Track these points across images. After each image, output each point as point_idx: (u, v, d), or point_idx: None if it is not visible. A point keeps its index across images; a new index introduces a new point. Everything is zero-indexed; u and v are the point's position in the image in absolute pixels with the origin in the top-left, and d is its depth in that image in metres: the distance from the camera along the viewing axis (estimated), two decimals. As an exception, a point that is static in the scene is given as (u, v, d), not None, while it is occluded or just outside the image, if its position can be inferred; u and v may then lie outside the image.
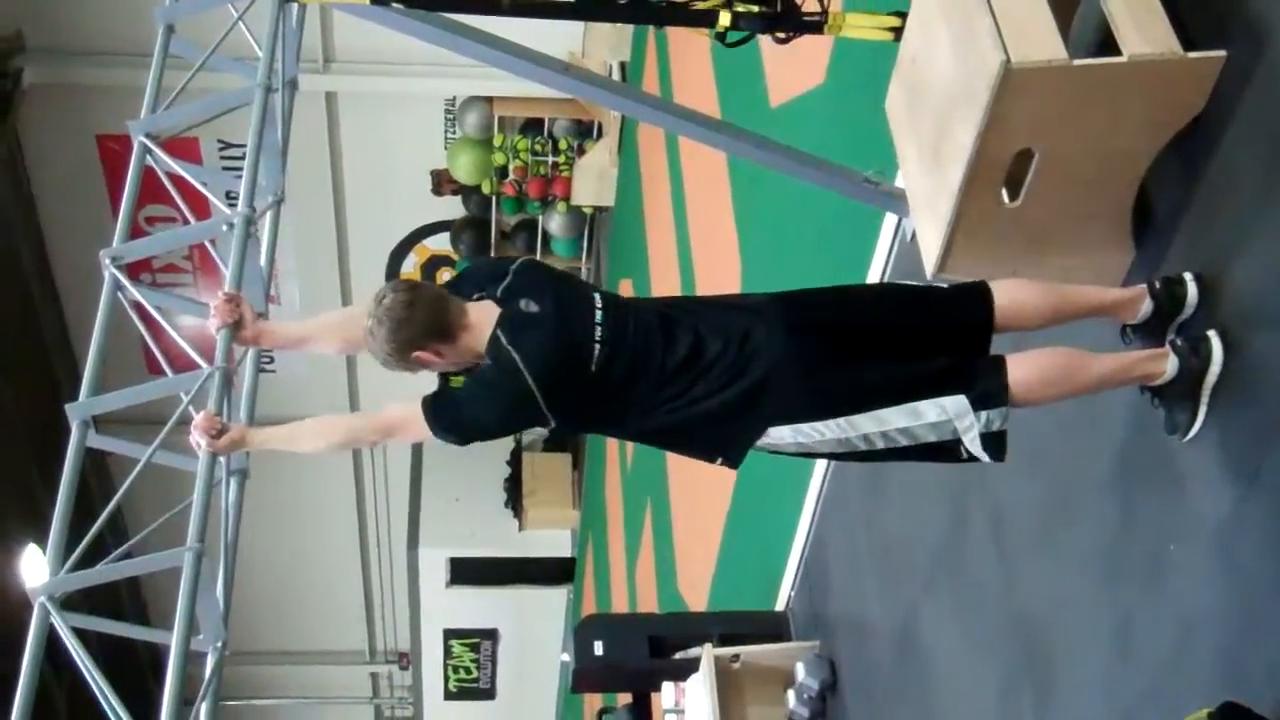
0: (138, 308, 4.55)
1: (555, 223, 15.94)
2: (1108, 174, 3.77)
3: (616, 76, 14.00)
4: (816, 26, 5.05)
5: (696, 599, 10.36)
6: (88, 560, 4.10)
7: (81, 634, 3.91)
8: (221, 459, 4.20)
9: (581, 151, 15.13)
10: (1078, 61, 3.51)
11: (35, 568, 14.33)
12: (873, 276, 6.07)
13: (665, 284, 12.10)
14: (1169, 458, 3.82)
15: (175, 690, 3.59)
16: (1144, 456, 3.99)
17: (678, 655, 7.61)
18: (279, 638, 19.53)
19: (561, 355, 3.90)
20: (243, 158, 4.85)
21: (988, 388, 3.77)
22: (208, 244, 4.96)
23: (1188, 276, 3.80)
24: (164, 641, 3.75)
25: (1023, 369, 3.80)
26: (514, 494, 17.65)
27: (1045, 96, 3.52)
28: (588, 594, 16.80)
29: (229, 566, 4.28)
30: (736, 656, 7.10)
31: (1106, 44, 3.58)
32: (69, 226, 15.02)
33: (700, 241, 10.83)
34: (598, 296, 4.05)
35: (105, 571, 3.94)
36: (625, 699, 9.55)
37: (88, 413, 4.27)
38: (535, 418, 3.95)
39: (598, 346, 3.92)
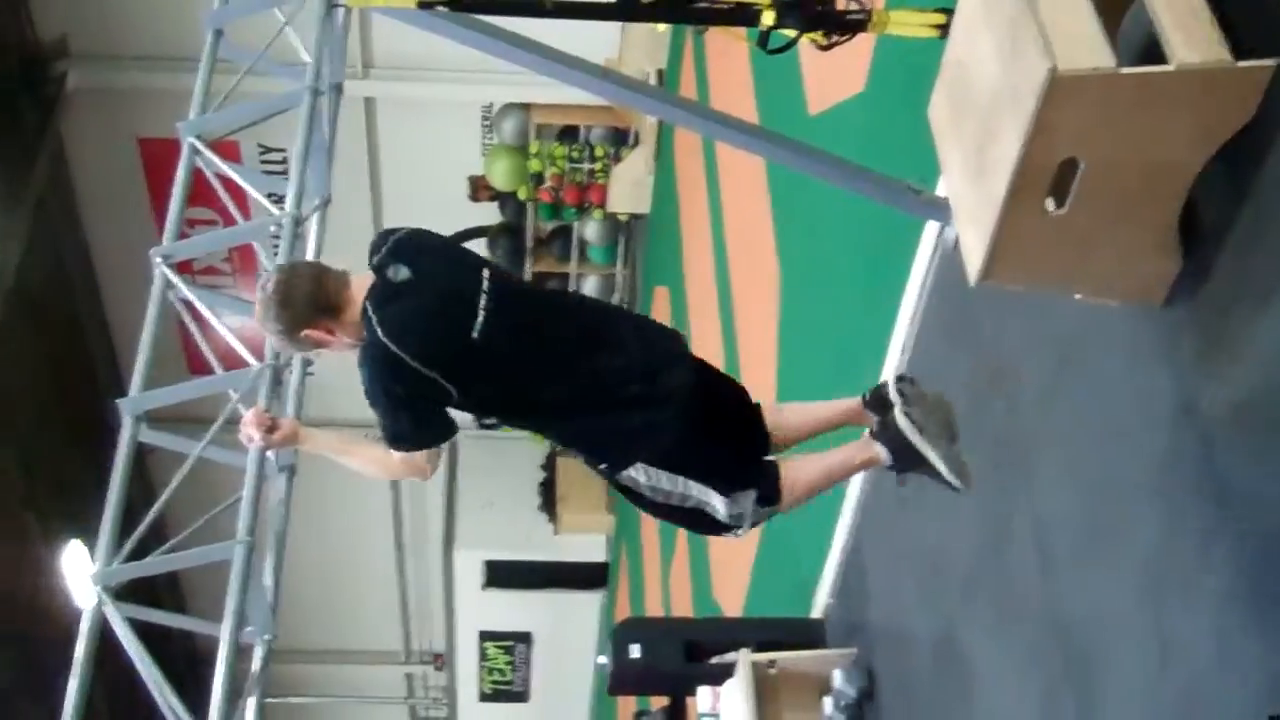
0: (187, 305, 4.61)
1: (591, 230, 15.97)
2: (1154, 183, 3.76)
3: (653, 84, 14.01)
4: (860, 24, 5.05)
5: (732, 605, 10.36)
6: (129, 556, 4.15)
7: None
8: (270, 455, 4.25)
9: (618, 159, 15.15)
10: (1125, 70, 3.50)
11: (78, 563, 14.44)
12: (914, 285, 6.07)
13: (701, 291, 12.11)
14: (1213, 466, 3.82)
15: (226, 682, 3.65)
16: (1188, 465, 3.98)
17: (714, 660, 7.61)
18: (314, 636, 19.59)
19: (426, 322, 3.98)
20: (282, 161, 4.96)
21: (772, 488, 4.44)
22: (255, 245, 5.01)
23: (890, 381, 4.45)
24: (214, 633, 3.80)
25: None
26: (549, 498, 17.68)
27: (1092, 105, 3.52)
28: (622, 599, 16.80)
29: (278, 560, 4.33)
30: (773, 662, 7.10)
31: (1154, 52, 3.58)
32: (110, 227, 15.15)
33: (737, 249, 10.83)
34: (487, 270, 4.12)
35: (156, 563, 4.01)
36: (660, 703, 9.57)
37: (140, 408, 4.34)
38: (433, 392, 4.00)
39: (481, 314, 3.99)
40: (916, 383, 4.56)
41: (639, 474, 4.31)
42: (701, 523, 4.48)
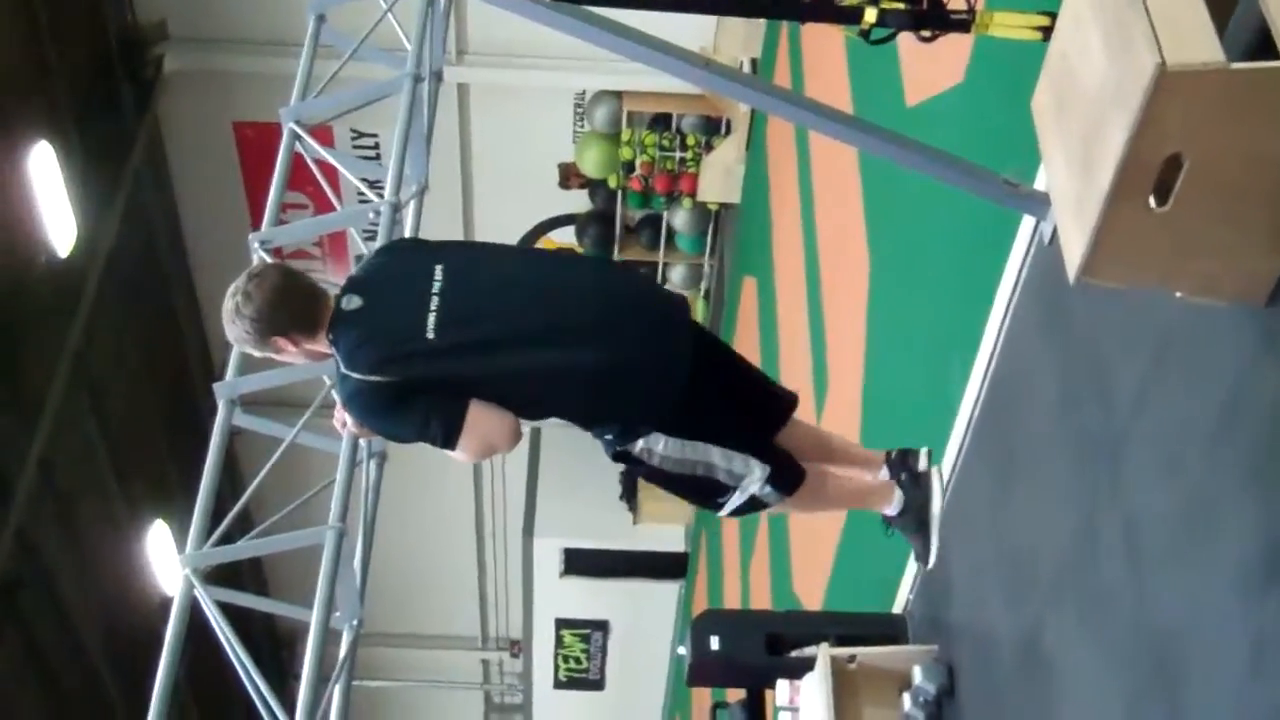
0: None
1: (680, 219, 15.96)
2: (1261, 180, 3.69)
3: (748, 72, 13.98)
4: (964, 25, 5.01)
5: (811, 599, 10.33)
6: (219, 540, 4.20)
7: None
8: (361, 441, 4.28)
9: (709, 148, 15.12)
10: (1235, 65, 3.44)
11: (163, 545, 14.66)
12: (1008, 279, 6.01)
13: (789, 282, 12.07)
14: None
15: (314, 667, 3.67)
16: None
17: (793, 654, 7.59)
18: (393, 620, 19.79)
19: (375, 345, 4.01)
20: (374, 146, 4.99)
21: (787, 475, 4.56)
22: (351, 231, 5.05)
23: (923, 450, 4.76)
24: (304, 618, 3.84)
25: None
26: (630, 488, 17.70)
27: (1200, 100, 3.46)
28: (700, 590, 16.80)
29: (367, 548, 4.36)
30: (853, 657, 7.05)
31: (1265, 46, 3.51)
32: (204, 210, 15.38)
33: (827, 240, 10.78)
34: (439, 269, 4.12)
35: (247, 547, 4.06)
36: (737, 695, 9.54)
37: (234, 392, 4.39)
38: (414, 389, 4.00)
39: (433, 315, 4.00)
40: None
41: (655, 443, 4.33)
42: (701, 490, 4.54)
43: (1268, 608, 3.94)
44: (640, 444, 4.33)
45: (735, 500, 4.51)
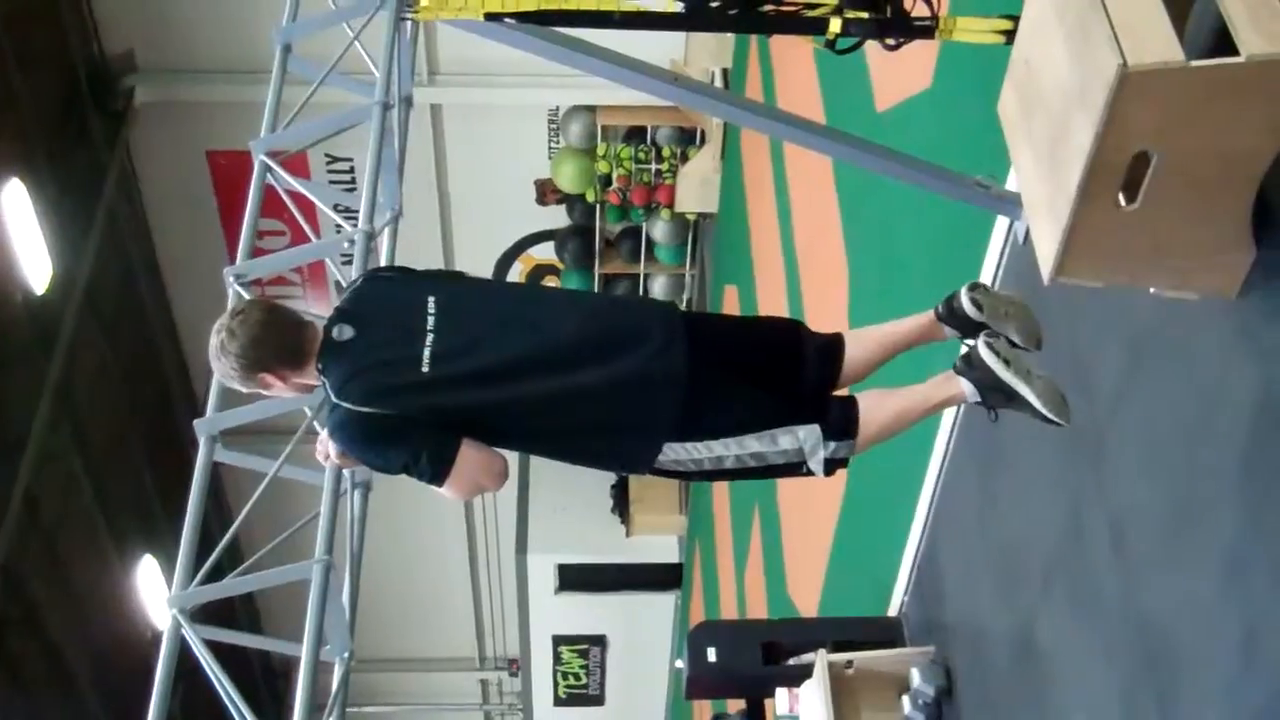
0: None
1: (659, 230, 15.99)
2: (1227, 175, 3.71)
3: (719, 84, 14.00)
4: (927, 31, 5.02)
5: (807, 605, 10.33)
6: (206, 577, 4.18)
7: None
8: (345, 471, 4.26)
9: (684, 158, 15.15)
10: (1195, 63, 3.46)
11: (152, 580, 14.61)
12: (985, 278, 6.02)
13: (770, 289, 12.09)
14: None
15: (306, 703, 3.66)
16: (1268, 456, 3.93)
17: (791, 661, 7.59)
18: (390, 644, 19.73)
19: (369, 376, 3.93)
20: (349, 170, 4.96)
21: (841, 422, 4.19)
22: (327, 260, 5.04)
23: (962, 290, 4.26)
24: (294, 653, 3.82)
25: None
26: (621, 500, 17.70)
27: (1163, 99, 3.48)
28: (696, 600, 16.79)
29: (355, 578, 4.34)
30: (850, 662, 7.07)
31: (1223, 44, 3.53)
32: (180, 241, 15.34)
33: (805, 246, 10.80)
34: (432, 301, 4.07)
35: (233, 585, 4.03)
36: (737, 705, 9.54)
37: (215, 428, 4.36)
38: (407, 420, 3.94)
39: (428, 350, 3.95)
40: (991, 290, 4.31)
41: (678, 453, 4.12)
42: (770, 473, 4.25)
43: (1256, 597, 3.96)
44: (663, 456, 4.16)
45: (815, 466, 4.20)
